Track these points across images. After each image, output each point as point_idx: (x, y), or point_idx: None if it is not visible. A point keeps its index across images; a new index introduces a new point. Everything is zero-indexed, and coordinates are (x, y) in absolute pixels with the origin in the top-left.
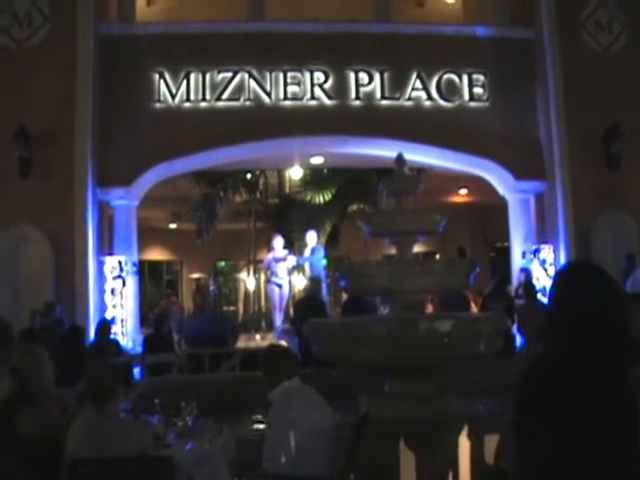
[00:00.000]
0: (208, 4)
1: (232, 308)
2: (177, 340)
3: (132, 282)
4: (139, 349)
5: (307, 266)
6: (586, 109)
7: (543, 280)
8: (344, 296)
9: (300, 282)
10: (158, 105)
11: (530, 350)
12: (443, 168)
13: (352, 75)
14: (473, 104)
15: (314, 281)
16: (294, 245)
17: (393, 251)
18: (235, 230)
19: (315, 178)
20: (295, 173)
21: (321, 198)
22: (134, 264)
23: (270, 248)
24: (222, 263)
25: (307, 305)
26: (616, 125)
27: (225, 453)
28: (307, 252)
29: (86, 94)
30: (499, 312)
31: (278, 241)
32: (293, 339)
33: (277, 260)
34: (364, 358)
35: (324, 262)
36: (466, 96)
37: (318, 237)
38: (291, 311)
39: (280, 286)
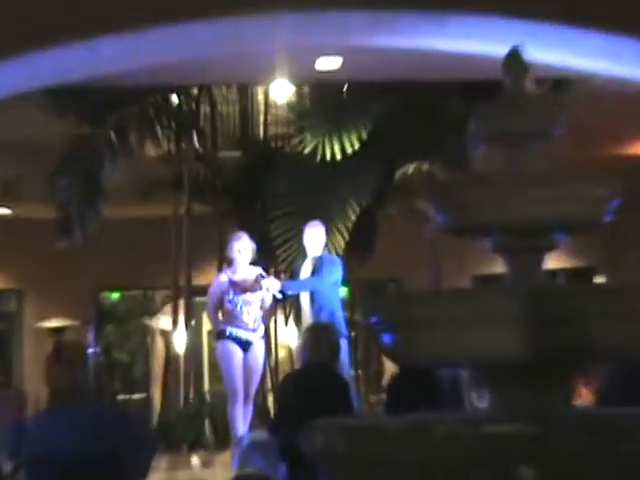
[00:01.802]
0: None
1: (138, 396)
2: (9, 471)
3: None
4: None
5: (305, 300)
6: None
7: None
8: (388, 367)
9: (290, 335)
10: None
11: None
12: (613, 79)
13: None
14: None
15: (321, 333)
16: (276, 254)
17: (497, 268)
18: (145, 220)
19: (324, 105)
20: (279, 92)
21: (336, 150)
22: None
23: (224, 260)
24: (114, 295)
25: (307, 387)
26: None
27: None
28: (305, 269)
29: None
30: None
31: (242, 245)
32: (276, 465)
33: (238, 288)
34: None
35: (342, 291)
36: None
37: (329, 236)
38: (270, 401)
39: (247, 345)
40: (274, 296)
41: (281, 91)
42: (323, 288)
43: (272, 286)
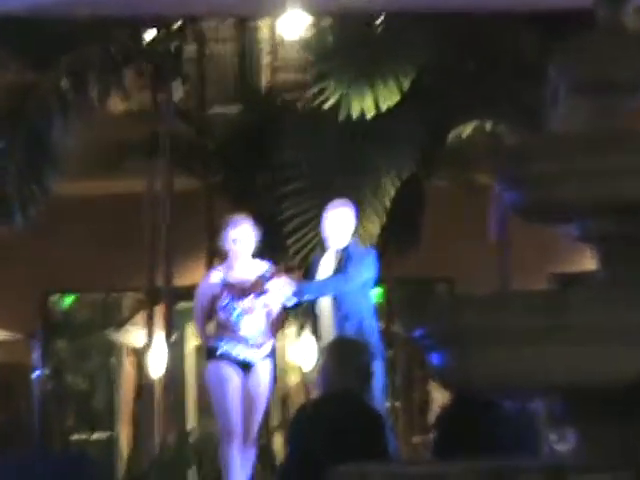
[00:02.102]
0: None
1: (99, 436)
2: None
3: None
4: None
5: (326, 307)
6: None
7: None
8: (437, 397)
9: (305, 355)
10: None
11: None
12: None
13: None
14: None
15: (347, 351)
16: (287, 244)
17: (584, 263)
18: (110, 198)
19: (351, 43)
20: (291, 27)
21: (368, 104)
22: None
23: (216, 253)
24: (67, 300)
25: (328, 424)
26: None
27: None
28: (325, 265)
29: None
30: None
31: (240, 233)
32: None
33: (235, 291)
34: None
35: (375, 295)
36: None
37: (358, 221)
38: (278, 442)
39: (246, 367)
40: (287, 302)
41: (293, 25)
42: (350, 291)
43: (282, 289)
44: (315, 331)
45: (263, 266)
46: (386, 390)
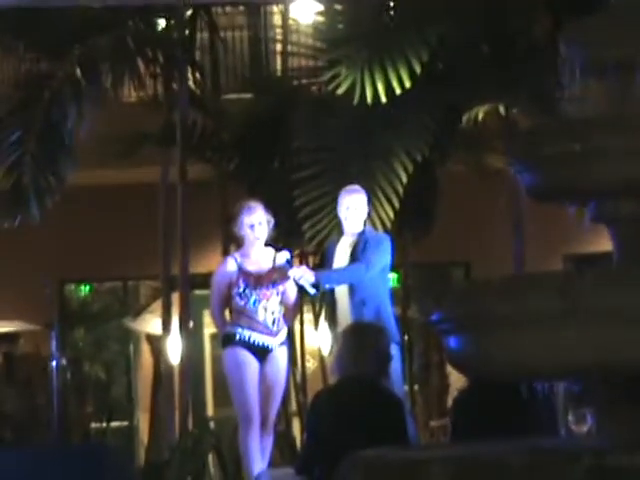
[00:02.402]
0: None
1: (118, 424)
2: None
3: None
4: None
5: (342, 292)
6: None
7: None
8: (454, 381)
9: (322, 340)
10: None
11: None
12: None
13: None
14: None
15: (364, 337)
16: (302, 230)
17: (597, 245)
18: (125, 188)
19: (364, 28)
20: (303, 13)
21: (380, 89)
22: None
23: (232, 240)
24: (84, 289)
25: (345, 409)
26: None
27: None
28: (341, 250)
29: None
30: None
31: (255, 219)
32: None
33: (252, 278)
34: None
35: (391, 280)
36: None
37: (372, 205)
38: (296, 428)
39: (263, 353)
40: (301, 288)
41: (305, 11)
42: (368, 278)
43: (304, 277)
44: (332, 316)
45: (282, 254)
46: (404, 375)
